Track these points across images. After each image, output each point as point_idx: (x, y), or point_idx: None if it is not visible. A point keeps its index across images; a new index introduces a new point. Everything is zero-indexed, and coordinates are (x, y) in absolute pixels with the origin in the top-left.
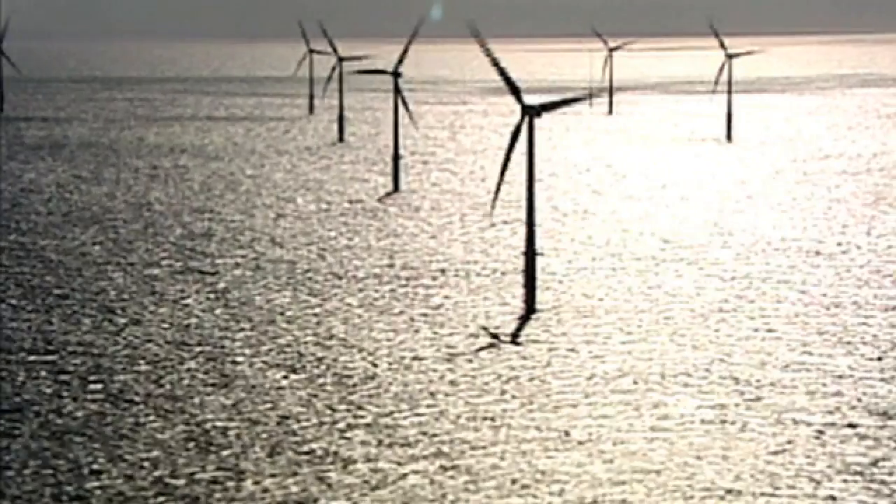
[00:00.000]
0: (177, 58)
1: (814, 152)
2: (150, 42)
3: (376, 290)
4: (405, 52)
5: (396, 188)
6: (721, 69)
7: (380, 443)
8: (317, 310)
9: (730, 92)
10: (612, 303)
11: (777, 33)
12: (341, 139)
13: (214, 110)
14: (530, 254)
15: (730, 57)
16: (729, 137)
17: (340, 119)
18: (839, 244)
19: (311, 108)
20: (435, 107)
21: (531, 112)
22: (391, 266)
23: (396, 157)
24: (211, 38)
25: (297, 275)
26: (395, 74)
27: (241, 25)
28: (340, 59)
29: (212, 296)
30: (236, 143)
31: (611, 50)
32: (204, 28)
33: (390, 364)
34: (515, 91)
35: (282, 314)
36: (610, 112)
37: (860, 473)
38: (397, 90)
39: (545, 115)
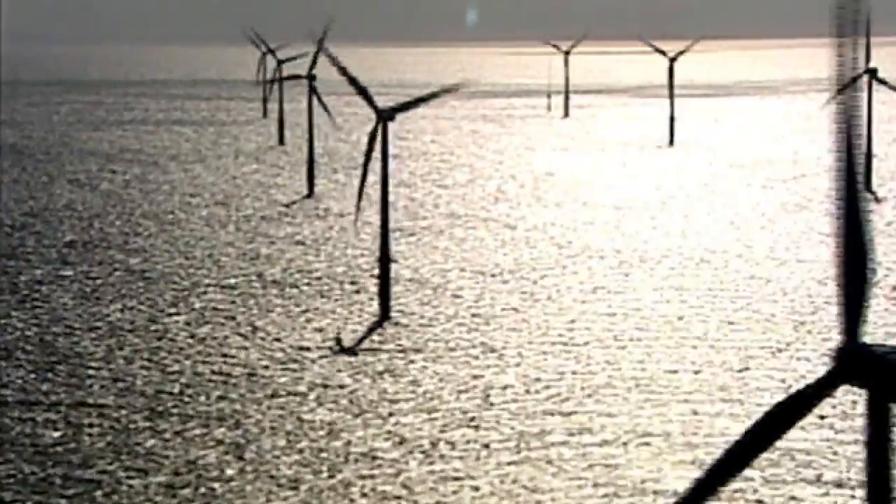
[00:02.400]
0: (161, 61)
1: (752, 157)
2: (147, 46)
3: (235, 300)
4: (316, 56)
5: (311, 192)
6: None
7: (120, 464)
8: (156, 320)
9: (672, 96)
10: (469, 312)
11: (763, 37)
12: (281, 142)
13: (168, 114)
14: (384, 260)
15: (672, 60)
16: (671, 142)
17: (280, 122)
18: (725, 252)
19: (265, 112)
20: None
21: (384, 116)
22: (259, 275)
23: (311, 161)
24: (213, 41)
25: (158, 285)
26: (310, 78)
27: (245, 28)
28: (280, 62)
29: (52, 307)
30: (174, 148)
31: (566, 53)
32: (208, 32)
33: (198, 380)
34: (366, 95)
35: (114, 327)
36: (566, 115)
37: (598, 484)
38: (312, 93)
39: (441, 116)
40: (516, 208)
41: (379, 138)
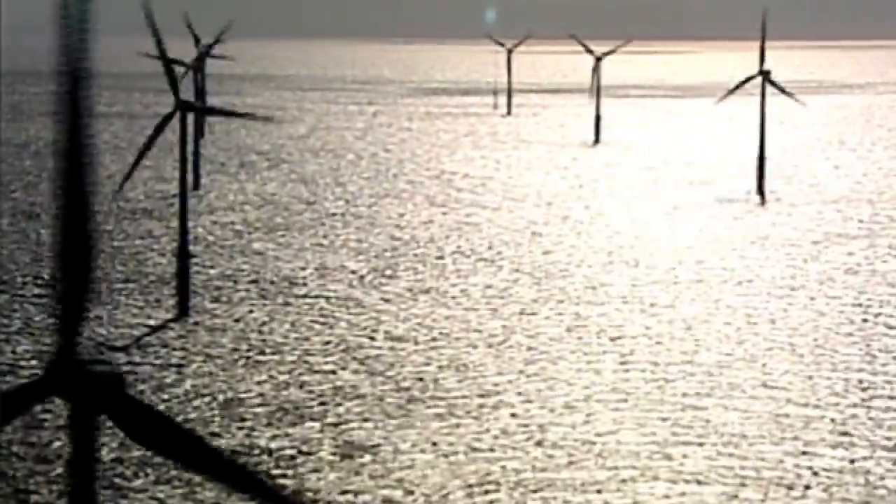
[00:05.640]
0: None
1: (675, 158)
2: (146, 39)
3: (36, 298)
4: (209, 48)
5: (196, 187)
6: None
7: None
8: None
9: (598, 95)
10: (284, 315)
11: (752, 38)
12: (202, 135)
13: (113, 107)
14: (183, 257)
15: (598, 59)
16: (597, 141)
17: (204, 115)
18: (574, 261)
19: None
20: (334, 106)
21: (181, 106)
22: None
23: (196, 154)
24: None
25: None
26: (195, 69)
27: (250, 25)
28: (205, 56)
29: None
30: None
31: (509, 51)
32: (209, 28)
33: None
34: (174, 85)
35: None
36: (508, 113)
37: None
38: (203, 85)
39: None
40: (396, 207)
41: (179, 130)
